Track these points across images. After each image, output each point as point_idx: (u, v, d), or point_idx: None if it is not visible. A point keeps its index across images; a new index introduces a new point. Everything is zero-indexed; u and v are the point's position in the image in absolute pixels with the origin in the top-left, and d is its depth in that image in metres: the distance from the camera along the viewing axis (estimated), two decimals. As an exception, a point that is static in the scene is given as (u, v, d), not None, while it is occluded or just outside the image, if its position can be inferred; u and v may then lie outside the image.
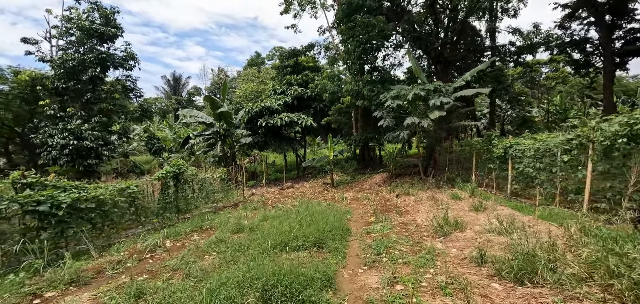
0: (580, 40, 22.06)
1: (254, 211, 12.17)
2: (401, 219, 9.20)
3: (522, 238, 5.90)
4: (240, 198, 15.37)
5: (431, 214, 9.40)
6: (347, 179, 18.71)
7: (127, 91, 16.38)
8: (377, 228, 8.17)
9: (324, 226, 7.72)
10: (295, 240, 6.87)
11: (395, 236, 7.39)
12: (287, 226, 7.89)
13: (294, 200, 14.48)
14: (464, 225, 7.75)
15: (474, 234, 7.14)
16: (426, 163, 15.28)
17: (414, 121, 12.79)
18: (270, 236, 7.23)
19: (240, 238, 7.80)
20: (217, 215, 11.60)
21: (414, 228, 8.12)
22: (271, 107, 19.05)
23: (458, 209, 9.81)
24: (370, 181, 16.36)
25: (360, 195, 14.03)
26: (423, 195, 12.34)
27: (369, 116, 21.15)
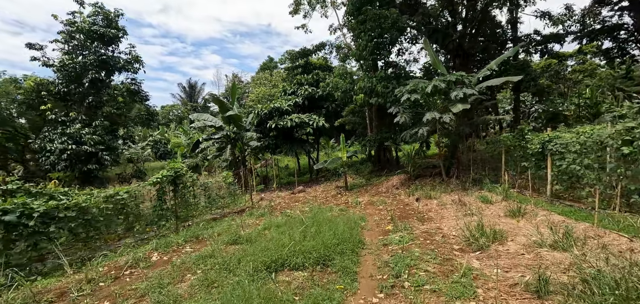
0: (612, 26, 19.92)
1: (260, 219, 10.93)
2: (424, 227, 7.70)
3: (588, 255, 4.37)
4: (249, 203, 14.17)
5: (460, 221, 7.87)
6: (362, 182, 17.26)
7: (132, 94, 15.59)
8: (395, 239, 6.73)
9: (331, 238, 6.35)
10: (296, 255, 5.53)
11: (418, 249, 5.94)
12: (288, 238, 6.57)
13: (304, 205, 13.17)
14: (504, 235, 6.20)
15: (518, 247, 5.60)
16: (448, 163, 13.66)
17: (434, 116, 11.26)
18: (267, 251, 5.92)
19: (234, 251, 6.54)
20: (218, 222, 10.41)
21: (441, 239, 6.63)
22: (281, 108, 17.87)
23: (491, 215, 8.23)
24: (386, 184, 14.87)
25: (375, 199, 12.56)
26: (447, 199, 10.78)
27: (384, 115, 19.65)
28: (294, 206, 13.06)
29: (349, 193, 14.79)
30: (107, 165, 12.58)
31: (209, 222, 10.38)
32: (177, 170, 9.75)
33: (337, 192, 15.34)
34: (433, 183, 13.33)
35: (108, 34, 14.06)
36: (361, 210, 10.80)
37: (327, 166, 15.74)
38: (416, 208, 10.01)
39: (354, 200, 12.64)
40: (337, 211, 10.85)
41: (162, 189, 9.46)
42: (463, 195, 11.14)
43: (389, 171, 18.43)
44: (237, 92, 40.25)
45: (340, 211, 10.87)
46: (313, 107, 19.63)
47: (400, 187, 14.10)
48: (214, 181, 12.95)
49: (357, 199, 12.81)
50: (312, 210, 11.62)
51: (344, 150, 15.80)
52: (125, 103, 14.84)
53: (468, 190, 11.72)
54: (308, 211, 11.60)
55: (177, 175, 9.70)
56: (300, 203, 13.61)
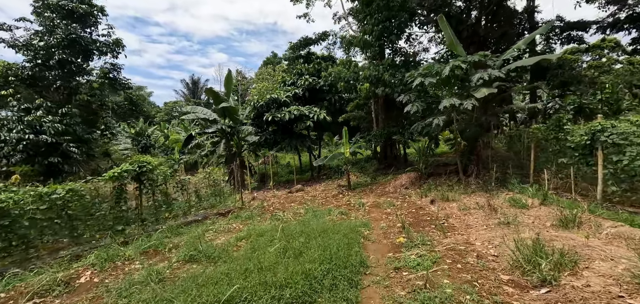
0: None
1: (245, 222, 8.97)
2: (448, 241, 5.62)
3: None
4: (238, 203, 12.22)
5: (493, 232, 5.79)
6: (367, 180, 15.20)
7: (113, 82, 13.75)
8: (411, 260, 4.67)
9: (320, 260, 4.32)
10: (259, 293, 3.52)
11: (448, 280, 3.88)
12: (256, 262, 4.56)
13: (300, 206, 11.18)
14: (573, 258, 4.11)
15: (605, 282, 3.51)
16: (466, 160, 11.51)
17: (453, 103, 9.15)
18: (222, 281, 3.93)
19: (183, 276, 4.57)
20: (194, 227, 8.46)
21: (477, 263, 4.54)
22: (278, 99, 15.90)
23: (533, 224, 6.12)
24: (394, 183, 12.78)
25: (382, 201, 10.50)
26: (469, 201, 8.67)
27: (391, 108, 17.56)
28: (288, 208, 11.08)
29: (351, 193, 12.74)
30: (75, 158, 10.83)
31: (182, 226, 8.43)
32: (142, 164, 7.82)
33: (339, 192, 13.30)
34: (448, 183, 11.21)
35: (78, 10, 12.21)
36: (365, 214, 8.75)
37: (327, 163, 13.71)
38: (433, 213, 7.93)
39: (357, 201, 10.60)
40: (337, 215, 8.82)
41: (120, 187, 7.54)
42: (487, 197, 9.03)
43: (396, 169, 16.32)
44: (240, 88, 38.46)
45: (340, 215, 8.83)
46: (314, 99, 17.63)
47: (410, 187, 11.99)
48: (197, 178, 11.03)
49: (361, 200, 10.76)
50: (308, 212, 9.61)
51: (347, 145, 13.75)
52: (100, 90, 13.01)
53: (492, 191, 9.59)
54: (303, 213, 9.60)
55: (142, 169, 7.77)
56: (296, 204, 11.61)
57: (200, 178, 11.14)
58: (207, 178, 11.19)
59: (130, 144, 14.85)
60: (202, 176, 11.16)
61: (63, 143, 10.91)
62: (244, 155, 20.36)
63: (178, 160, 25.01)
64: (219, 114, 17.32)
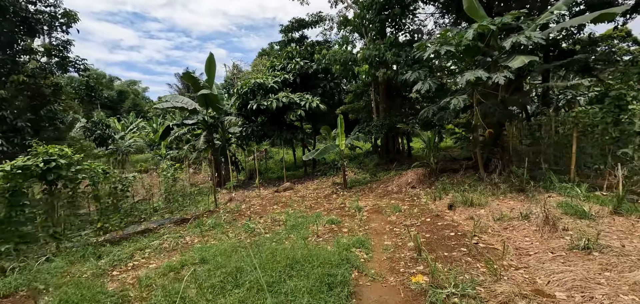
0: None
1: (204, 234, 6.59)
2: (505, 289, 3.18)
3: None
4: (211, 205, 9.84)
5: (574, 266, 3.35)
6: (366, 177, 12.78)
7: (62, 63, 11.25)
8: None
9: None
10: None
11: None
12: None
13: (284, 210, 8.79)
14: None
15: None
16: (488, 153, 9.04)
17: (480, 76, 6.68)
18: None
19: None
20: (125, 244, 6.05)
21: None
22: (264, 85, 13.46)
23: (632, 251, 3.69)
24: (398, 181, 10.35)
25: (384, 204, 8.08)
26: (502, 207, 6.24)
27: (393, 95, 15.09)
28: (269, 211, 8.69)
29: (347, 193, 10.33)
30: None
31: (115, 242, 6.04)
32: (50, 158, 5.40)
33: (333, 191, 10.89)
34: (466, 181, 8.77)
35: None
36: (362, 225, 6.33)
37: (318, 157, 11.27)
38: (456, 225, 5.49)
39: (353, 203, 8.18)
40: (325, 226, 6.42)
41: (17, 190, 5.13)
42: (524, 200, 6.60)
43: (399, 164, 13.88)
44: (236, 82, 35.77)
45: (328, 225, 6.43)
46: (307, 86, 15.16)
47: (419, 186, 9.55)
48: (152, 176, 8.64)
49: (358, 202, 8.33)
50: (289, 220, 7.21)
51: (342, 136, 11.31)
52: (41, 70, 10.54)
53: (526, 191, 7.15)
54: (283, 222, 7.21)
55: (48, 166, 5.35)
56: (279, 207, 9.22)
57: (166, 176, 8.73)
58: (166, 176, 8.77)
59: (81, 133, 12.46)
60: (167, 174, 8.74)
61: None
62: (232, 149, 18.00)
63: (164, 155, 22.67)
64: (201, 103, 14.90)
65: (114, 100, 35.39)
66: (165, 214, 9.11)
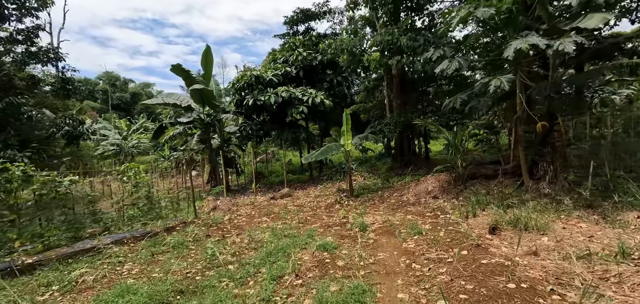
0: None
1: (146, 265, 4.75)
2: None
3: None
4: (190, 216, 8.07)
5: None
6: (377, 183, 10.72)
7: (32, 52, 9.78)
8: None
9: None
10: None
11: None
12: None
13: (274, 222, 6.92)
14: None
15: None
16: (534, 154, 6.81)
17: (537, 43, 4.57)
18: None
19: None
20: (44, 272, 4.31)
21: None
22: (262, 78, 11.67)
23: None
24: (416, 189, 8.24)
25: (398, 219, 6.05)
26: (572, 232, 4.10)
27: (409, 88, 12.96)
28: (254, 225, 6.83)
29: (353, 203, 8.31)
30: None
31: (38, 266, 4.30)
32: None
33: (337, 199, 8.89)
34: (505, 191, 6.59)
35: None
36: (366, 253, 4.32)
37: (318, 159, 9.28)
38: (508, 263, 3.41)
39: (358, 219, 6.16)
40: (314, 255, 4.46)
41: None
42: (599, 221, 4.43)
43: (416, 168, 11.74)
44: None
45: (319, 254, 4.46)
46: (312, 81, 13.26)
47: (442, 195, 7.42)
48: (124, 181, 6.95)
49: (364, 218, 6.31)
50: (271, 241, 5.30)
51: (348, 134, 9.31)
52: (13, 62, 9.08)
53: (597, 207, 4.95)
54: (264, 242, 5.31)
55: None
56: (269, 219, 7.33)
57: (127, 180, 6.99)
58: (124, 180, 7.02)
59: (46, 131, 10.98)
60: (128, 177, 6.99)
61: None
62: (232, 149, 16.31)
63: (168, 156, 21.29)
64: (196, 100, 13.25)
65: (127, 102, 34.82)
66: (134, 225, 7.40)
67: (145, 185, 7.29)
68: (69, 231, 5.58)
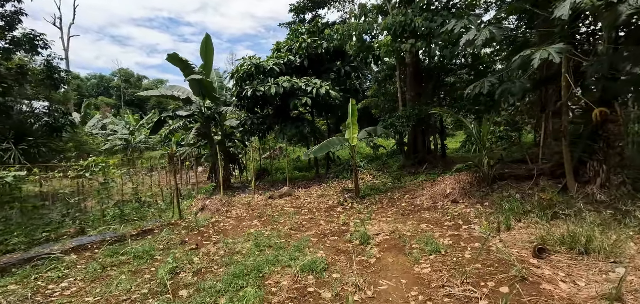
0: None
1: (89, 282, 3.74)
2: None
3: None
4: (174, 217, 7.12)
5: None
6: (386, 183, 9.47)
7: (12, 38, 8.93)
8: None
9: None
10: None
11: None
12: None
13: (263, 227, 5.84)
14: None
15: None
16: (582, 149, 5.43)
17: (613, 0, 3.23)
18: None
19: None
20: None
21: None
22: (262, 67, 10.62)
23: None
24: (431, 191, 6.97)
25: (409, 229, 4.84)
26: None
27: (423, 78, 11.59)
28: (240, 231, 5.80)
29: (358, 205, 7.11)
30: None
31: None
32: None
33: (340, 201, 7.72)
34: (545, 196, 5.23)
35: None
36: (365, 278, 3.15)
37: (314, 155, 8.11)
38: None
39: (360, 228, 4.98)
40: (297, 280, 3.31)
41: None
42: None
43: (431, 166, 10.42)
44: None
45: (303, 278, 3.31)
46: (318, 71, 12.10)
47: (463, 199, 6.12)
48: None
49: (367, 227, 5.12)
50: (250, 254, 4.21)
51: (354, 127, 8.10)
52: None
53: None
54: (242, 255, 4.23)
55: None
56: (261, 223, 6.27)
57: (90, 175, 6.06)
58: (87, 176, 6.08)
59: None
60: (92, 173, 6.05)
61: None
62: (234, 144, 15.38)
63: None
64: (195, 92, 12.34)
65: (141, 99, 34.74)
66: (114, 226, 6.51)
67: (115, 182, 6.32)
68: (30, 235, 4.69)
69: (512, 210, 4.68)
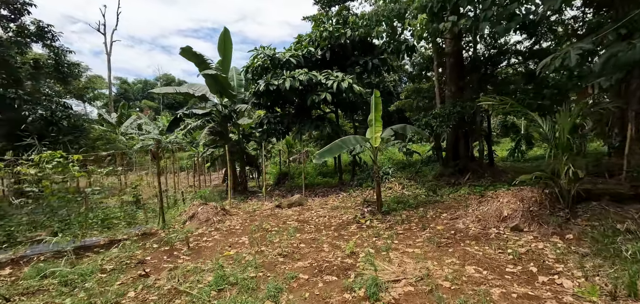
0: None
1: None
2: None
3: None
4: (157, 226, 5.93)
5: None
6: (418, 194, 7.56)
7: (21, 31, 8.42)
8: None
9: None
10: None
11: None
12: None
13: (252, 248, 4.38)
14: None
15: None
16: None
17: None
18: None
19: None
20: None
21: None
22: (278, 58, 9.29)
23: None
24: (479, 210, 5.04)
25: (448, 271, 3.08)
26: None
27: (467, 70, 9.49)
28: (220, 249, 4.39)
29: (378, 224, 5.35)
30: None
31: None
32: None
33: (357, 215, 6.01)
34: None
35: None
36: None
37: (326, 157, 6.42)
38: None
39: (371, 265, 3.29)
40: None
41: None
42: None
43: (476, 177, 8.30)
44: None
45: None
46: (342, 65, 10.51)
47: (530, 225, 4.12)
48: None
49: (381, 266, 3.41)
50: (202, 297, 2.70)
51: (378, 124, 6.37)
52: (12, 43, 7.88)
53: None
54: (195, 295, 2.75)
55: None
56: (249, 242, 4.81)
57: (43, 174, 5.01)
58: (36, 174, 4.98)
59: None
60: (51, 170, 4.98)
61: None
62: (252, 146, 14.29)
63: (202, 152, 20.19)
64: (212, 89, 11.40)
65: (180, 102, 35.72)
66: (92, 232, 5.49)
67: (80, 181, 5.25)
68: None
69: (636, 260, 2.68)
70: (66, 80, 10.32)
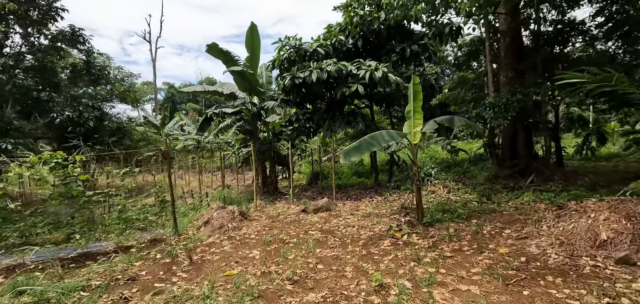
0: None
1: None
2: None
3: None
4: (166, 233, 5.43)
5: None
6: (469, 200, 6.23)
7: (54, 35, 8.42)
8: None
9: None
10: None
11: None
12: None
13: (257, 269, 3.60)
14: None
15: None
16: None
17: None
18: None
19: None
20: None
21: None
22: (304, 49, 8.45)
23: None
24: (559, 228, 3.71)
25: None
26: None
27: (527, 51, 7.77)
28: (225, 264, 3.66)
29: (419, 240, 4.25)
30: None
31: None
32: None
33: (392, 226, 4.95)
34: None
35: None
36: None
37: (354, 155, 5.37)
38: None
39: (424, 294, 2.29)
40: None
41: None
42: None
43: (542, 180, 6.71)
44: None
45: None
46: (375, 55, 9.37)
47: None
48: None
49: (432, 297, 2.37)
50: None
51: (418, 116, 5.23)
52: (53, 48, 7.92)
53: None
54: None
55: None
56: (260, 257, 4.04)
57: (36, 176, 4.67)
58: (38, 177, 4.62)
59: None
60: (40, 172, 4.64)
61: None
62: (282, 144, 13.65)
63: (237, 151, 20.24)
64: (241, 87, 10.99)
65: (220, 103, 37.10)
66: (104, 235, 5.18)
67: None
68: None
69: None
70: (97, 81, 10.60)
